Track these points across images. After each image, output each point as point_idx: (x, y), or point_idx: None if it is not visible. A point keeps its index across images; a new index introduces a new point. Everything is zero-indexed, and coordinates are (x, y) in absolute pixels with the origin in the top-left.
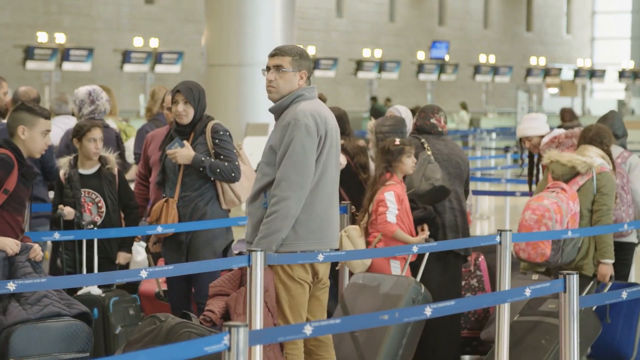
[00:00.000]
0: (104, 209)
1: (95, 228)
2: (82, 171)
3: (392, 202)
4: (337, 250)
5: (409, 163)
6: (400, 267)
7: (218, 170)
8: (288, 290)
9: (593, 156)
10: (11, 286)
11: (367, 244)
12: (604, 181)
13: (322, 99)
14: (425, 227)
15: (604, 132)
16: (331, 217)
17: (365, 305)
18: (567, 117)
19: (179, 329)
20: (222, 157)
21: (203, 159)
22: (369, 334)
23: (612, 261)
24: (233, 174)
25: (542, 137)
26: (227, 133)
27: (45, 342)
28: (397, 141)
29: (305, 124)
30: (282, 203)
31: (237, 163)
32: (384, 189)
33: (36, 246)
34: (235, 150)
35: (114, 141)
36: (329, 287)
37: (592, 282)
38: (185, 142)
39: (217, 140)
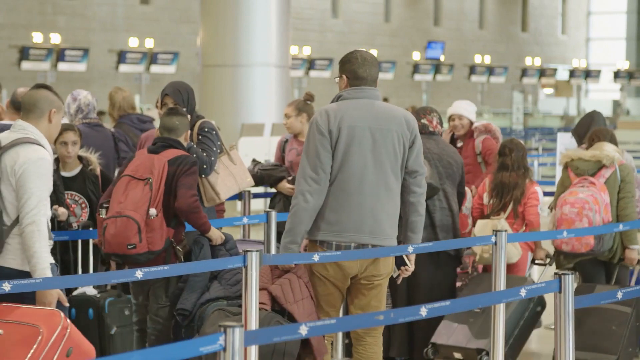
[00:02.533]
0: (87, 210)
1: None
2: (64, 174)
3: (541, 197)
4: (373, 245)
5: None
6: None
7: (195, 155)
8: (312, 283)
9: (611, 151)
10: (6, 286)
11: None
12: (626, 171)
13: (310, 97)
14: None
15: (612, 132)
16: (353, 210)
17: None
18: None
19: (270, 319)
20: (200, 150)
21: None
22: (486, 319)
23: (639, 246)
24: (204, 166)
25: (472, 123)
26: (214, 131)
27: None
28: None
29: (316, 121)
30: (298, 197)
31: (213, 159)
32: (530, 184)
33: None
34: (216, 149)
35: (110, 140)
36: (381, 284)
37: (617, 268)
38: None
39: (200, 137)
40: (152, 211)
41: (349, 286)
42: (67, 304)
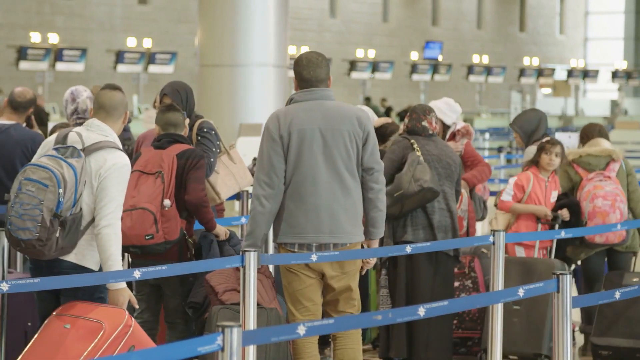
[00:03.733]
0: None
1: None
2: None
3: (510, 186)
4: (339, 245)
5: (545, 159)
6: (524, 253)
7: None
8: (287, 281)
9: (609, 146)
10: (4, 286)
11: None
12: (629, 165)
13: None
14: (565, 210)
15: (600, 126)
16: (310, 211)
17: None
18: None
19: (274, 313)
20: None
21: None
22: (529, 316)
23: None
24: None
25: (444, 125)
26: (212, 131)
27: None
28: (545, 139)
29: (267, 126)
30: (254, 201)
31: (212, 160)
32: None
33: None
34: (215, 150)
35: None
36: (351, 275)
37: (634, 257)
38: None
39: (199, 137)
40: (167, 202)
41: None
42: (137, 306)
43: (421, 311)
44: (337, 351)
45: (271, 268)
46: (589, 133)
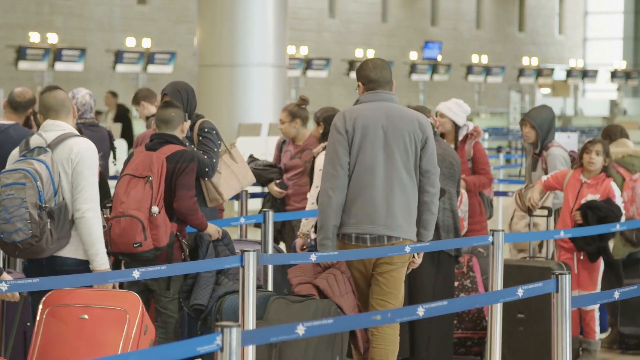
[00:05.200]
0: None
1: None
2: None
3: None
4: (393, 238)
5: (585, 159)
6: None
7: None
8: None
9: (633, 146)
10: (3, 286)
11: None
12: None
13: (304, 101)
14: (578, 213)
15: (621, 127)
16: (367, 203)
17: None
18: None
19: (329, 307)
20: (202, 152)
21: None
22: (539, 325)
23: None
24: (207, 169)
25: (455, 126)
26: (214, 131)
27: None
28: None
29: (334, 123)
30: (322, 195)
31: (214, 160)
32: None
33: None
34: (217, 150)
35: (107, 140)
36: (396, 270)
37: None
38: None
39: (200, 137)
40: (155, 209)
41: (370, 277)
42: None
43: (420, 311)
44: (371, 349)
45: (271, 268)
46: (611, 134)
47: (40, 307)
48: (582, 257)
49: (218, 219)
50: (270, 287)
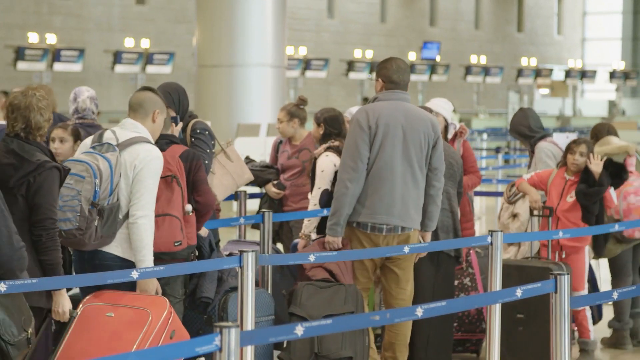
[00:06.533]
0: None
1: None
2: None
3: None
4: (407, 229)
5: (569, 159)
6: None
7: None
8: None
9: (621, 142)
10: (2, 287)
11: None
12: None
13: (303, 101)
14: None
15: (609, 124)
16: (385, 195)
17: None
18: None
19: (356, 291)
20: None
21: None
22: (538, 325)
23: None
24: None
25: (446, 123)
26: (206, 132)
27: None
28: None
29: (357, 119)
30: (339, 184)
31: (207, 162)
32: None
33: None
34: (210, 151)
35: None
36: (406, 260)
37: None
38: None
39: (193, 139)
40: (188, 207)
41: (381, 266)
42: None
43: (419, 312)
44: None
45: (270, 268)
46: (598, 133)
47: (81, 305)
48: (563, 256)
49: (215, 219)
50: (269, 288)
